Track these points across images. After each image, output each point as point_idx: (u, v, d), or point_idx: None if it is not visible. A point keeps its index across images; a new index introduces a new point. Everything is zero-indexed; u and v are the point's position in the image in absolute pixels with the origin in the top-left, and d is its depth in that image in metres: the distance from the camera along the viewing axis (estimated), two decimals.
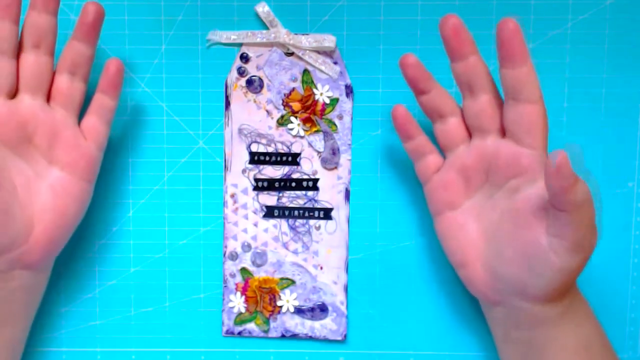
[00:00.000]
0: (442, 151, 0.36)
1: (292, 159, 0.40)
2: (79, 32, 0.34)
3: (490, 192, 0.34)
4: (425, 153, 0.36)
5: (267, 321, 0.40)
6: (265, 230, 0.40)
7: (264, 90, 0.39)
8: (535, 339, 0.33)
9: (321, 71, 0.39)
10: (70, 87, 0.35)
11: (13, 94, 0.34)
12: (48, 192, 0.34)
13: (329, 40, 0.38)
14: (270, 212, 0.40)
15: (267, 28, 0.39)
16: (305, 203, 0.40)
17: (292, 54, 0.39)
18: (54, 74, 0.35)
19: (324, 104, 0.39)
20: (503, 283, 0.33)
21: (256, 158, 0.40)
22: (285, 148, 0.40)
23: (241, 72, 0.39)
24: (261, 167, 0.40)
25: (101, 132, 0.36)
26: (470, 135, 0.35)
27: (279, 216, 0.40)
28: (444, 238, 0.36)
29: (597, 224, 0.30)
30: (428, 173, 0.36)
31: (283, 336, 0.40)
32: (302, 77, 0.39)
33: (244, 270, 0.40)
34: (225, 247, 0.40)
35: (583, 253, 0.30)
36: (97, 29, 0.35)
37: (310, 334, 0.40)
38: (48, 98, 0.35)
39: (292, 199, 0.40)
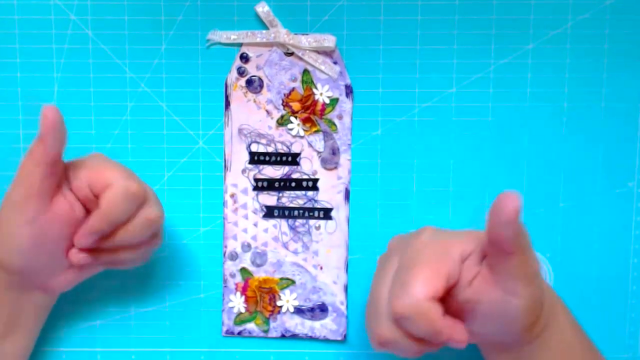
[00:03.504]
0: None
1: (292, 159, 0.40)
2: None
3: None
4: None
5: (267, 321, 0.40)
6: (265, 230, 0.40)
7: (264, 90, 0.39)
8: (523, 355, 0.33)
9: (321, 71, 0.39)
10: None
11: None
12: None
13: (329, 40, 0.38)
14: (270, 212, 0.40)
15: (267, 28, 0.39)
16: (305, 203, 0.40)
17: (292, 54, 0.39)
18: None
19: (324, 104, 0.39)
20: (483, 341, 0.33)
21: (256, 158, 0.40)
22: (285, 148, 0.40)
23: (241, 72, 0.39)
24: (261, 167, 0.40)
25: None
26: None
27: (278, 216, 0.40)
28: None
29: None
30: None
31: (283, 336, 0.40)
32: (302, 77, 0.39)
33: (244, 270, 0.40)
34: (225, 247, 0.40)
35: (535, 279, 0.29)
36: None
37: (310, 334, 0.40)
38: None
39: (292, 199, 0.40)
